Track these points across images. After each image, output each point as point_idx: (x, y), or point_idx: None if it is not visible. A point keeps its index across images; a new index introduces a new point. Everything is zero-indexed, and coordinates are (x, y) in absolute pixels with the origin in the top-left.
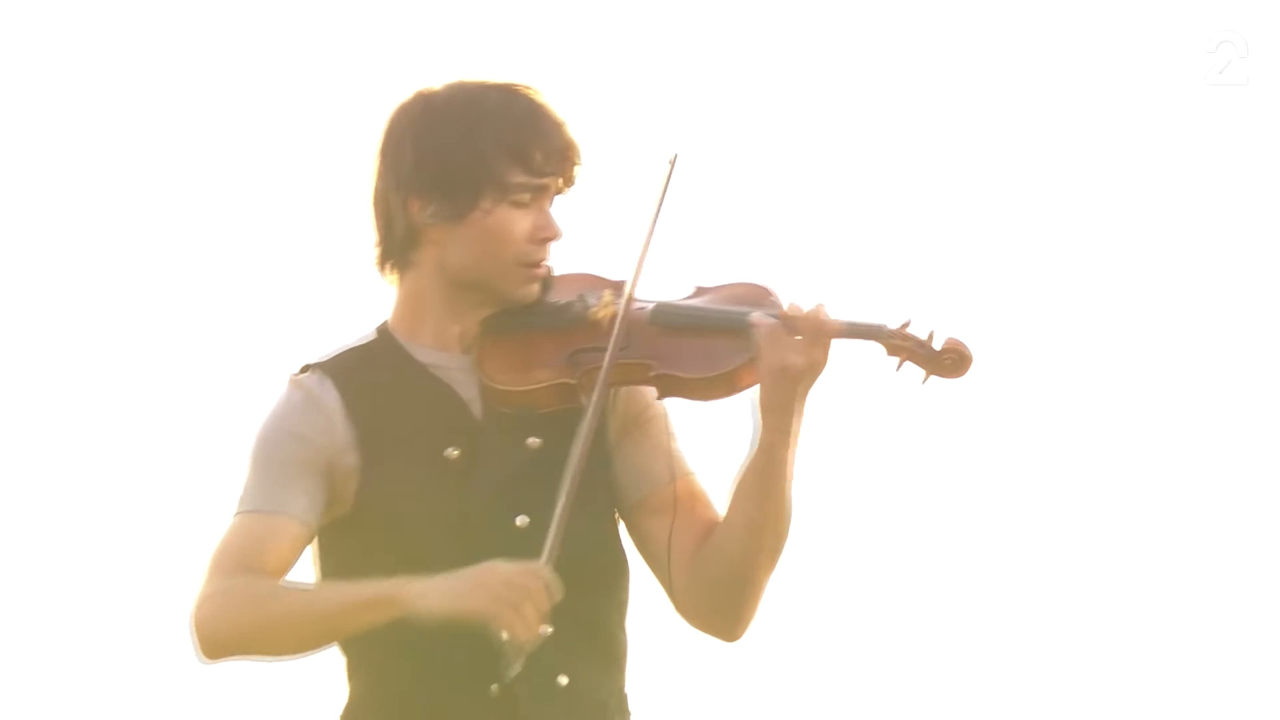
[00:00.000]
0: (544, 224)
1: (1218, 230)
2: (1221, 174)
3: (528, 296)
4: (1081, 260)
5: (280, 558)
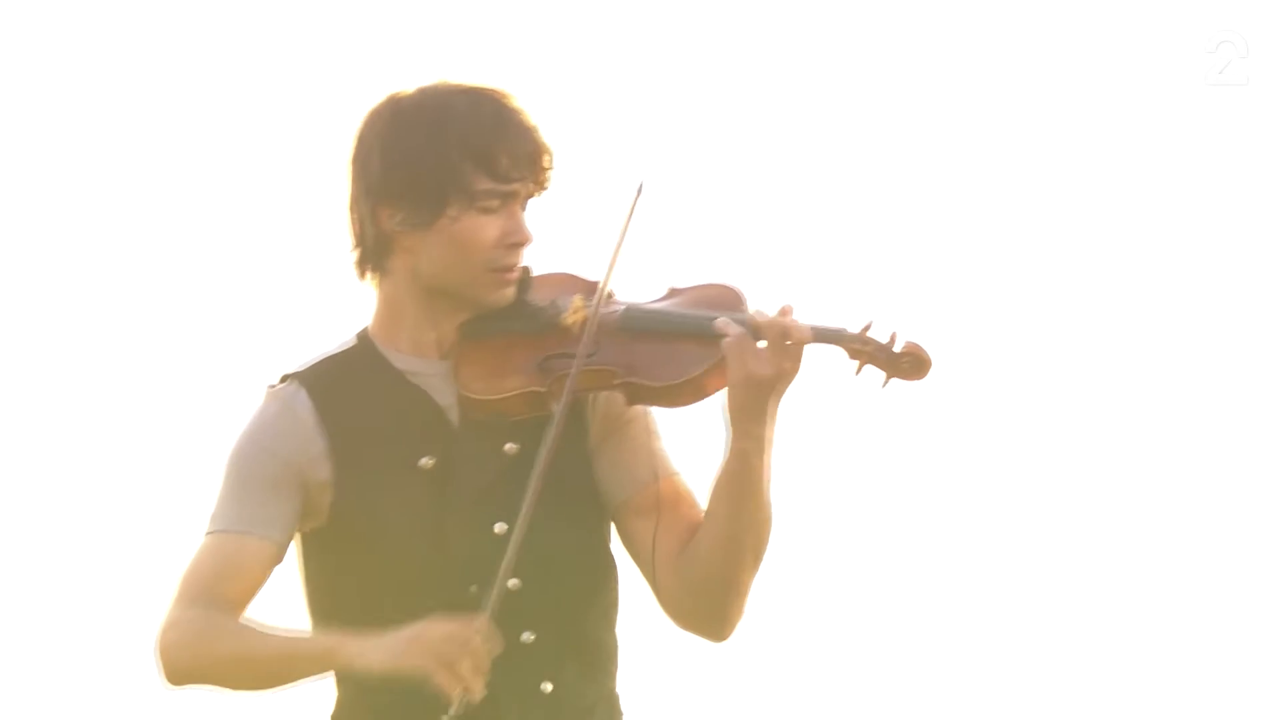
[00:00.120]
0: (513, 229)
1: (1218, 230)
2: (1221, 174)
3: (502, 301)
4: (1081, 260)
5: (247, 582)
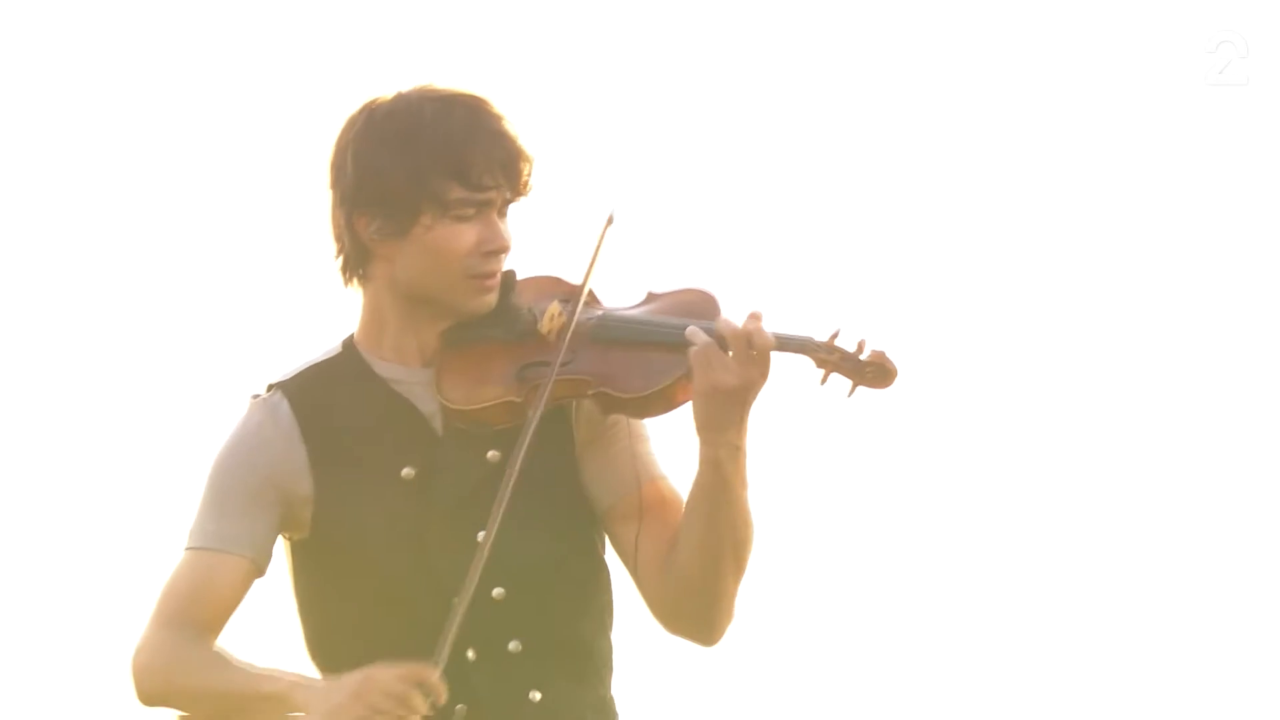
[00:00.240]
0: (489, 237)
1: (1218, 230)
2: (1221, 174)
3: (483, 308)
4: (1081, 260)
5: (222, 603)
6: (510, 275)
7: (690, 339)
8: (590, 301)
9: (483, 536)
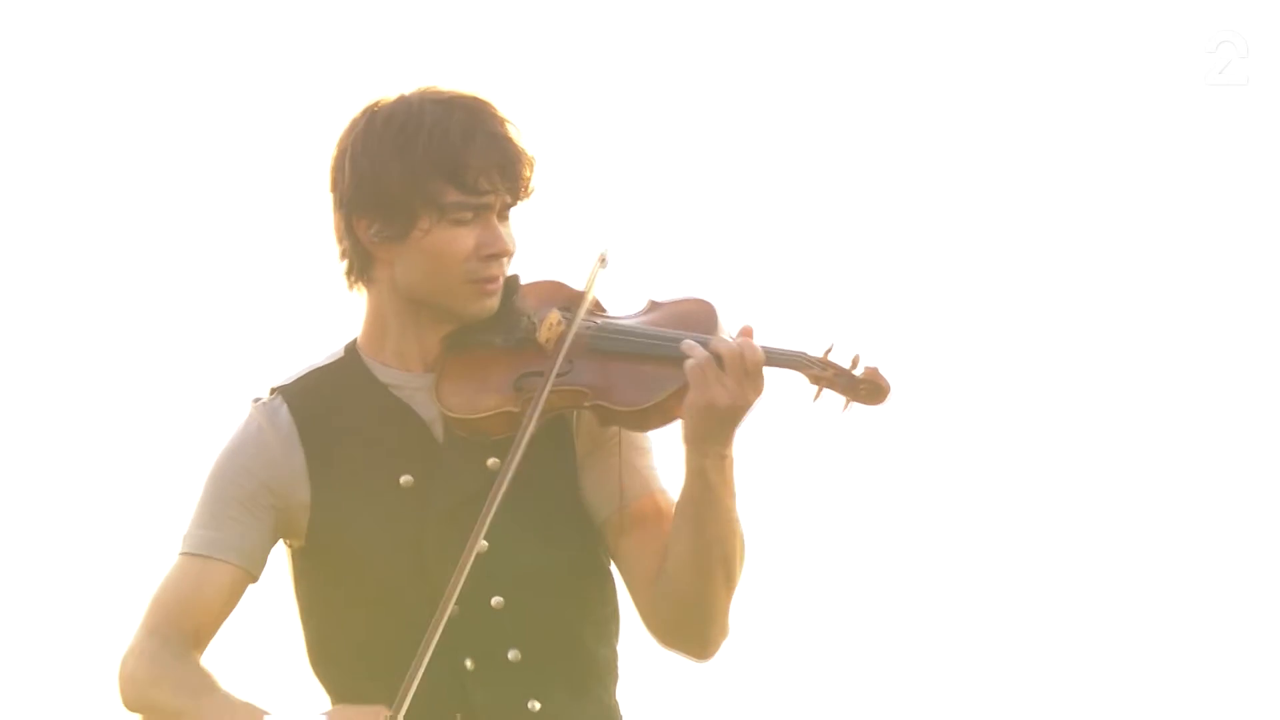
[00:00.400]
0: (489, 240)
1: (1218, 230)
2: (1221, 174)
3: (484, 312)
4: (1081, 260)
5: (211, 612)
6: (514, 280)
7: (687, 353)
8: (591, 309)
9: (482, 546)
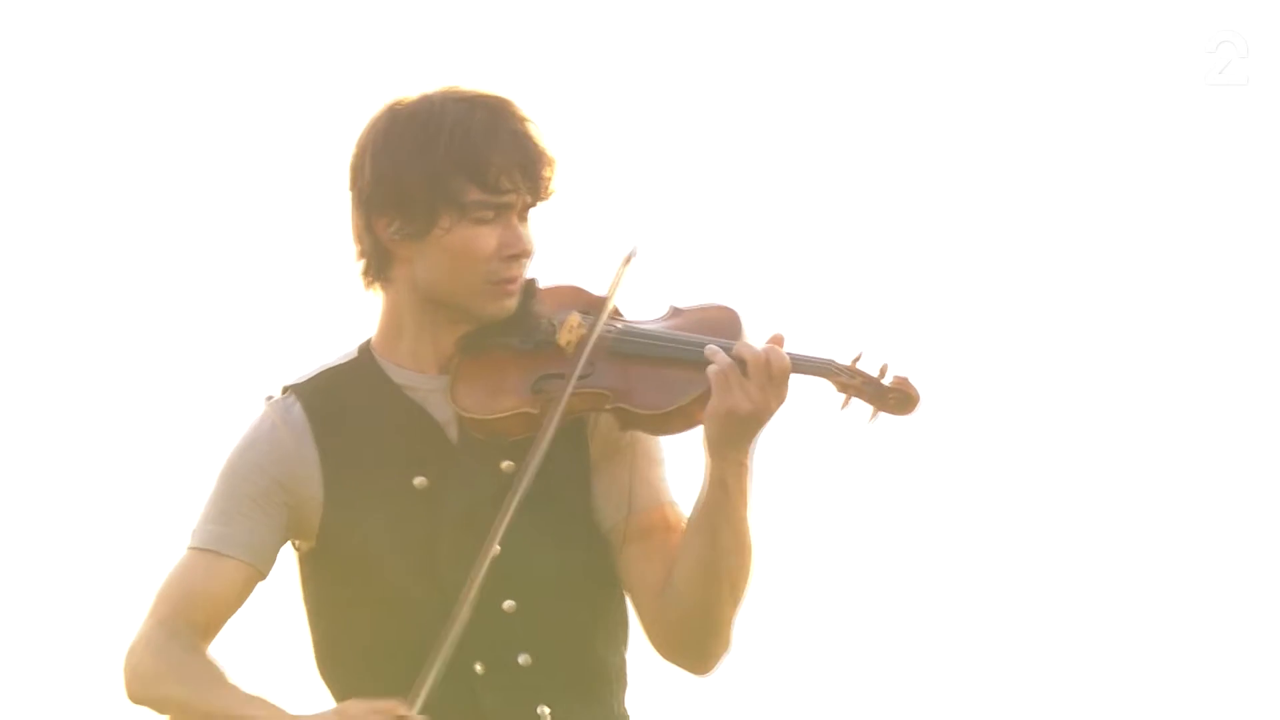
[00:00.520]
0: (510, 240)
1: (1218, 230)
2: (1221, 174)
3: (501, 313)
4: (1081, 260)
5: (220, 606)
6: (532, 283)
7: (710, 358)
8: (611, 314)
9: (494, 549)
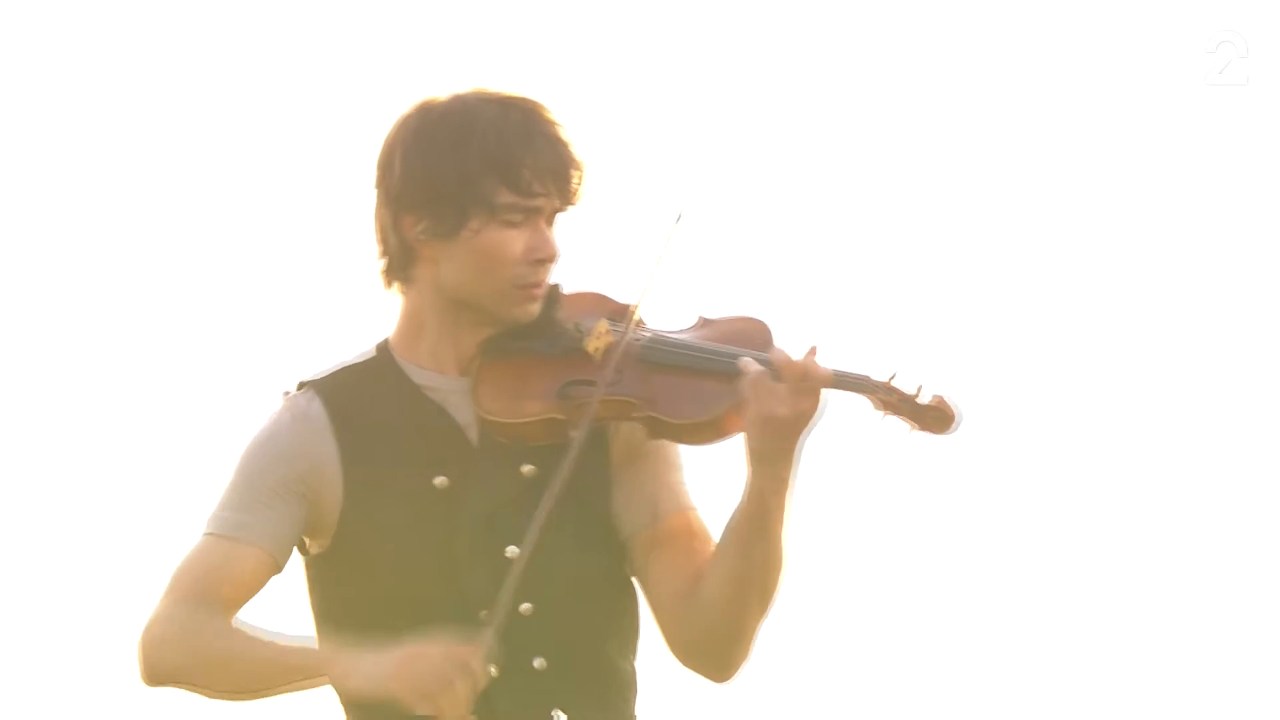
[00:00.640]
0: (538, 244)
1: (1218, 230)
2: (1221, 174)
3: (525, 317)
4: (1081, 260)
5: (238, 588)
6: (556, 288)
7: (743, 369)
8: (638, 328)
9: (512, 552)
